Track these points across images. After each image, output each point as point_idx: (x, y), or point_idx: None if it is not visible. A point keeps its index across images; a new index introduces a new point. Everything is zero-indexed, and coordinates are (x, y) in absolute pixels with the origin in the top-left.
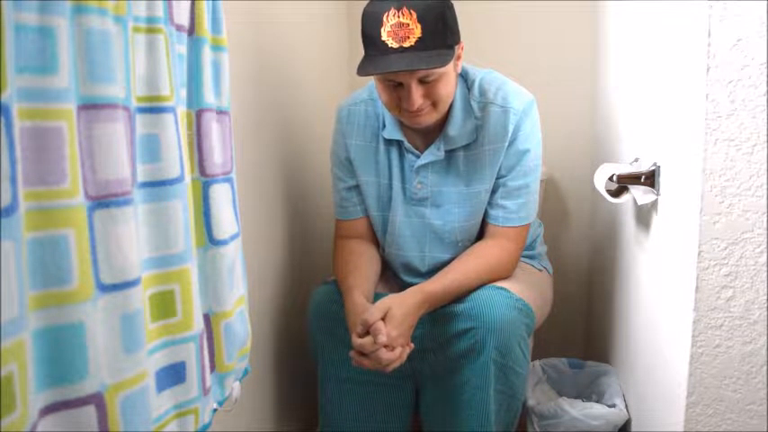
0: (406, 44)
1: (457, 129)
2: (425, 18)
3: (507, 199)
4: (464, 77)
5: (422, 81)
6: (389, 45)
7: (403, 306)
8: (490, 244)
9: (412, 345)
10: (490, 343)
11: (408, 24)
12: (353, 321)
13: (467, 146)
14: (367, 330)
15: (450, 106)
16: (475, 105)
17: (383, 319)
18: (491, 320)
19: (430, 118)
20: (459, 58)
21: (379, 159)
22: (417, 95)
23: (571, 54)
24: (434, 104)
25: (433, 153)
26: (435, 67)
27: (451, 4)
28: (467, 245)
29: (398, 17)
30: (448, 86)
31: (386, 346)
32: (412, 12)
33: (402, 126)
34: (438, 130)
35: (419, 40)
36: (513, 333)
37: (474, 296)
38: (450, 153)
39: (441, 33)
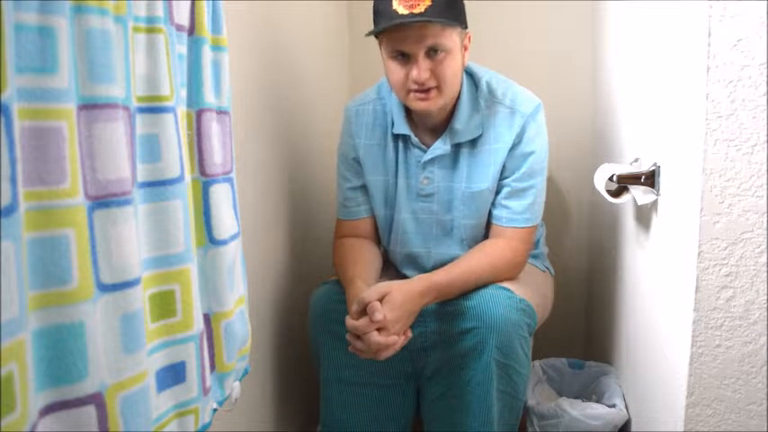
0: (416, 10)
1: (463, 122)
2: None
3: (511, 199)
4: (470, 75)
5: (429, 55)
6: (399, 12)
7: (404, 291)
8: (500, 243)
9: (410, 333)
10: (492, 342)
11: None
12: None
13: (472, 142)
14: (363, 312)
15: (457, 100)
16: (482, 102)
17: (381, 300)
18: (493, 320)
19: (436, 102)
20: (466, 49)
21: (388, 158)
22: (424, 67)
23: (571, 54)
24: (440, 87)
25: (440, 147)
26: (443, 23)
27: None
28: (471, 244)
29: None
30: (453, 66)
31: (380, 330)
32: None
33: (410, 121)
34: (444, 125)
35: (429, 8)
36: (515, 333)
37: (477, 296)
38: (455, 148)
39: (450, 8)
